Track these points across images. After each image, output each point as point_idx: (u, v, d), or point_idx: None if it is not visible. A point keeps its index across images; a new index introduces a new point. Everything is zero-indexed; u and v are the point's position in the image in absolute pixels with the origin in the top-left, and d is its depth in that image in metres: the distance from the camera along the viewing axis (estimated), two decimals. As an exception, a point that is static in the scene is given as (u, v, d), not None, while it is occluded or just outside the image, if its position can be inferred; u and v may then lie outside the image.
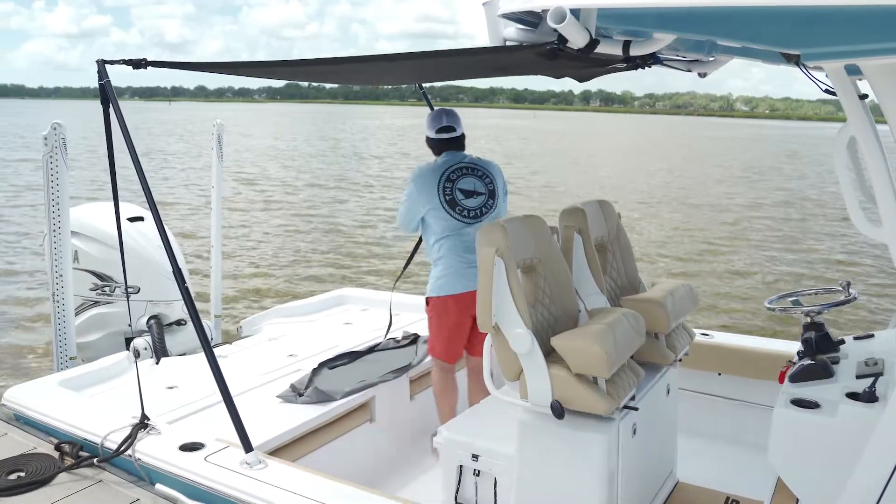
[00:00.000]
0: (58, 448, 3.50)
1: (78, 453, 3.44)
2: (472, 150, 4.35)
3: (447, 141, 4.17)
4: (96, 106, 3.31)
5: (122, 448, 3.24)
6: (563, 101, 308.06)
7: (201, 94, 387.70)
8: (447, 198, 4.01)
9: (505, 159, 31.23)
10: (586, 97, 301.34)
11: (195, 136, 49.21)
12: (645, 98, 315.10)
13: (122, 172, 3.47)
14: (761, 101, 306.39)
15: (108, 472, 3.31)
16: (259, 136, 50.47)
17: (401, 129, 67.11)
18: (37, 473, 3.29)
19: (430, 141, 4.23)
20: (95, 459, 3.32)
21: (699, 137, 71.59)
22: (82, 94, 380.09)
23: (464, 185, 4.06)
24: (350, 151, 38.59)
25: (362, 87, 4.88)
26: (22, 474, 3.29)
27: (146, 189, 3.29)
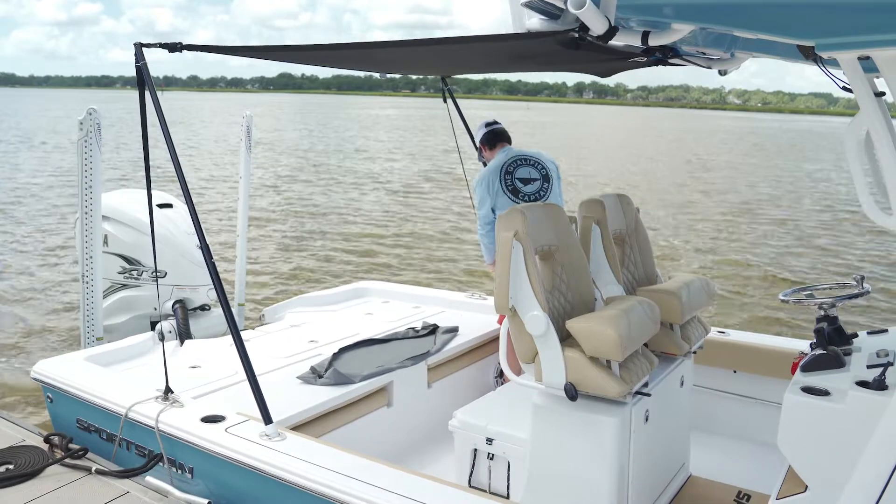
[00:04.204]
0: (47, 440, 3.54)
1: (67, 445, 3.48)
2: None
3: (497, 132, 4.85)
4: (88, 95, 3.40)
5: None
6: (556, 92, 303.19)
7: (194, 83, 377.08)
8: (509, 187, 4.66)
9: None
10: (580, 89, 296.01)
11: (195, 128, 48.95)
12: (638, 91, 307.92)
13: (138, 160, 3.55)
14: (753, 95, 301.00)
15: (98, 464, 3.38)
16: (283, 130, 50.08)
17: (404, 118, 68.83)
18: (26, 466, 3.32)
19: (483, 138, 4.88)
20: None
21: (687, 130, 71.43)
22: (74, 82, 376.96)
23: (521, 175, 4.71)
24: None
25: (383, 74, 5.11)
26: (11, 466, 3.31)
27: (178, 171, 3.41)
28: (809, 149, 49.16)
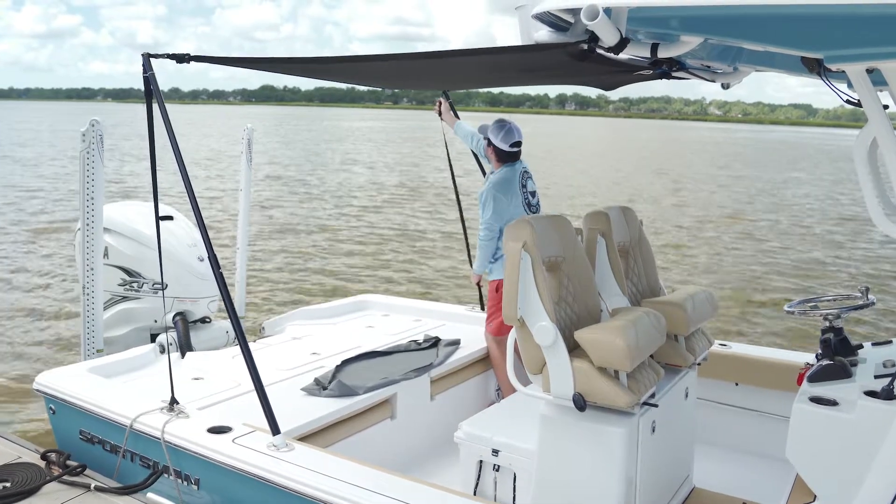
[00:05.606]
0: (44, 457, 3.46)
1: (65, 462, 3.40)
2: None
3: (516, 155, 4.81)
4: (68, 107, 3.35)
5: None
6: (538, 104, 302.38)
7: (175, 95, 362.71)
8: (525, 200, 4.76)
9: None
10: (562, 101, 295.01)
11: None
12: (620, 102, 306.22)
13: (138, 171, 3.54)
14: (734, 106, 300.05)
15: (98, 481, 3.33)
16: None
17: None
18: (23, 483, 3.22)
19: (497, 150, 4.78)
20: None
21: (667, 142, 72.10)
22: (54, 94, 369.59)
23: (530, 188, 4.84)
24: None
25: (384, 89, 5.11)
26: (7, 485, 3.22)
27: (187, 182, 3.41)
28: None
